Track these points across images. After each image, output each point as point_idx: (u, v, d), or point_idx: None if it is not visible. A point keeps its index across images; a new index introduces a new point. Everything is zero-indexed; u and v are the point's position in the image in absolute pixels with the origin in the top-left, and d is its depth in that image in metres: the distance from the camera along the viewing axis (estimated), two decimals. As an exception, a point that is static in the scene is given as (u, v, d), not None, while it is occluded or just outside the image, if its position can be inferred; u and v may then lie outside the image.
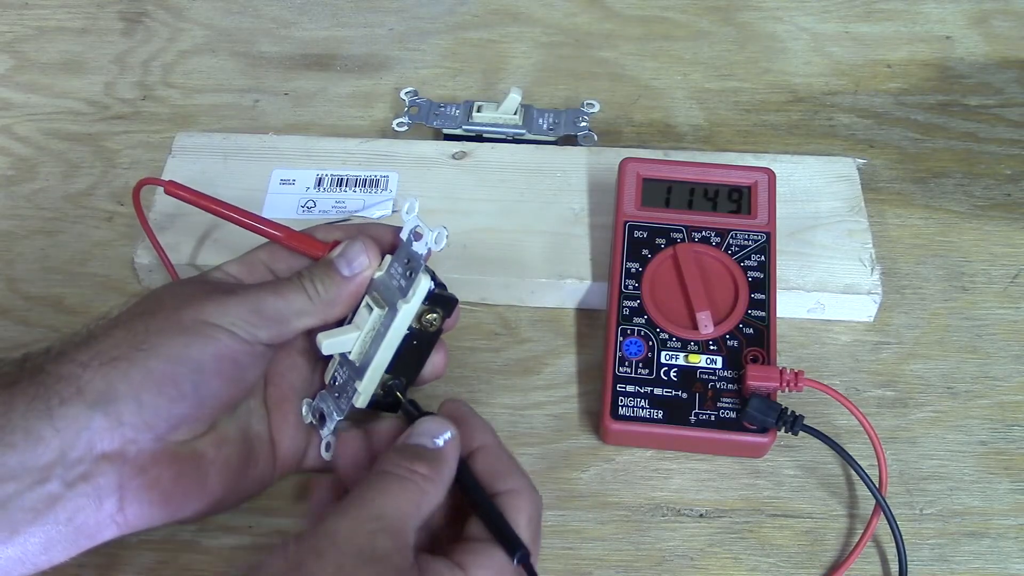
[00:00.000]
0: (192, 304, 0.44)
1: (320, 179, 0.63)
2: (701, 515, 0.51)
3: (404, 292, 0.46)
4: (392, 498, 0.40)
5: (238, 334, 0.44)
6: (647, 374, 0.53)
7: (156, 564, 0.49)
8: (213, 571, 0.49)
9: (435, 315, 0.46)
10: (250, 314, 0.44)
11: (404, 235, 0.47)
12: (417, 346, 0.47)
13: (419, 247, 0.46)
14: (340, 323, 0.48)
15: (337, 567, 0.38)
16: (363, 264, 0.47)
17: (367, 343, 0.47)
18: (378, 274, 0.47)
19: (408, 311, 0.46)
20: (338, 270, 0.47)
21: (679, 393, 0.52)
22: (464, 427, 0.45)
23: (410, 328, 0.46)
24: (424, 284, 0.45)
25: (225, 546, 0.49)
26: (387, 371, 0.47)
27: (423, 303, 0.46)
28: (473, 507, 0.43)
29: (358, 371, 0.47)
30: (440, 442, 0.43)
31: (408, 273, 0.46)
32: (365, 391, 0.47)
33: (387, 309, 0.46)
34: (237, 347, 0.44)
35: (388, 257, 0.48)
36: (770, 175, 0.59)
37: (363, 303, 0.47)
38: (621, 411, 0.52)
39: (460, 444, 0.44)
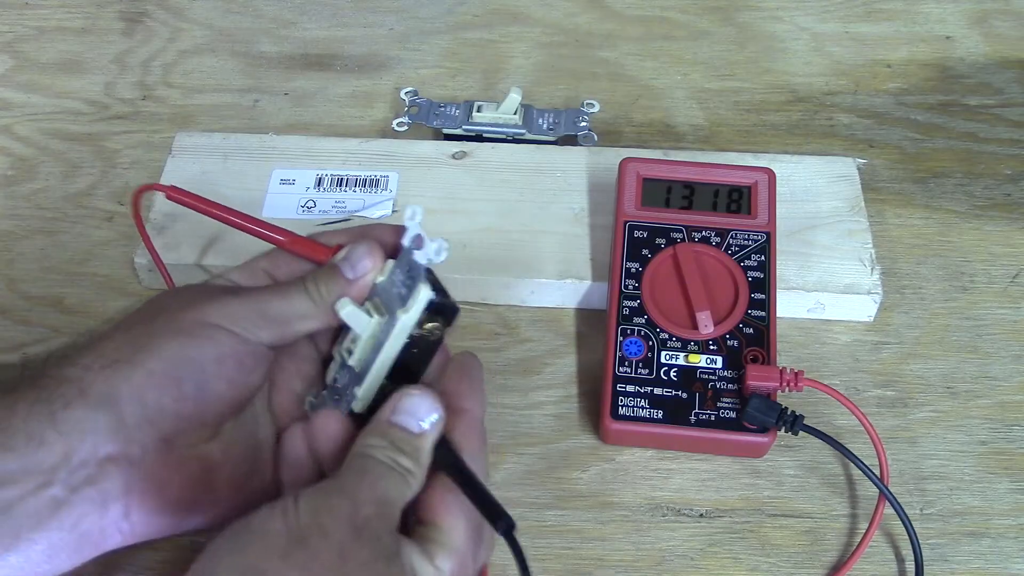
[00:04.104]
0: (193, 306, 0.43)
1: (320, 179, 0.63)
2: (701, 515, 0.51)
3: (404, 301, 0.44)
4: (384, 483, 0.40)
5: (240, 334, 0.43)
6: (647, 374, 0.53)
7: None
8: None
9: (436, 324, 0.45)
10: (252, 314, 0.44)
11: (406, 242, 0.45)
12: (417, 354, 0.46)
13: (420, 257, 0.44)
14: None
15: (340, 545, 0.37)
16: (367, 267, 0.46)
17: (367, 349, 0.46)
18: (380, 279, 0.46)
19: (407, 321, 0.44)
20: (342, 273, 0.46)
21: (679, 393, 0.52)
22: (462, 382, 0.45)
23: (410, 336, 0.45)
24: (424, 295, 0.44)
25: (225, 546, 0.49)
26: (387, 378, 0.46)
27: (423, 312, 0.44)
28: (452, 475, 0.42)
29: (357, 377, 0.46)
30: (426, 424, 0.42)
31: (409, 282, 0.45)
32: (364, 398, 0.46)
33: (387, 317, 0.45)
34: (239, 347, 0.43)
35: (391, 261, 0.47)
36: (770, 175, 0.59)
37: (364, 308, 0.46)
38: (621, 411, 0.52)
39: (444, 424, 0.43)
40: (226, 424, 0.45)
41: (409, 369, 0.47)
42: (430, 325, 0.45)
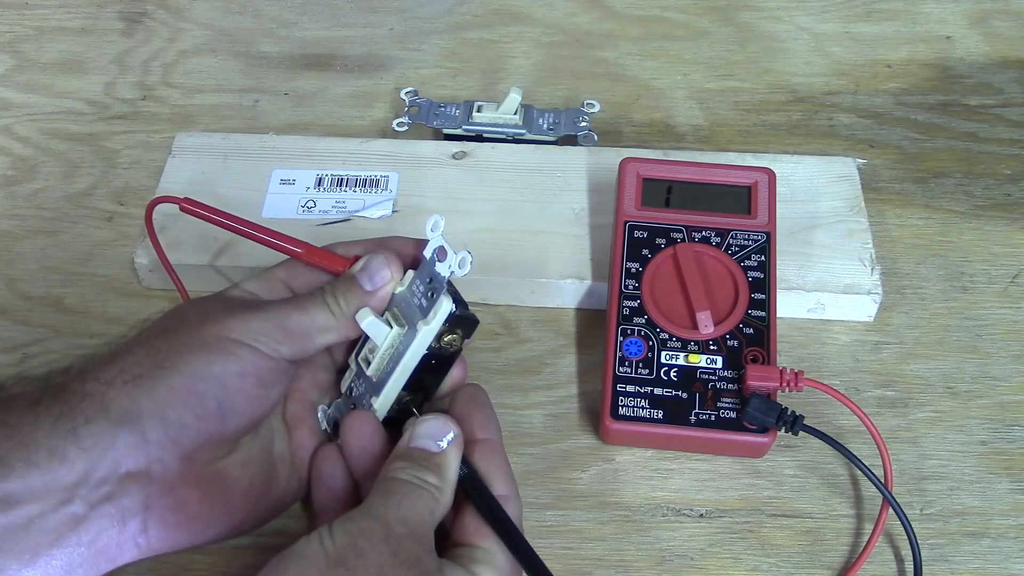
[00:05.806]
0: (214, 321, 0.43)
1: (320, 179, 0.63)
2: (701, 515, 0.51)
3: (424, 313, 0.45)
4: (412, 503, 0.41)
5: (261, 350, 0.43)
6: (647, 374, 0.53)
7: (156, 564, 0.49)
8: (213, 571, 0.49)
9: (455, 336, 0.45)
10: (273, 330, 0.43)
11: (427, 253, 0.45)
12: (436, 365, 0.46)
13: (442, 268, 0.44)
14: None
15: (379, 567, 0.38)
16: (385, 278, 0.46)
17: (385, 359, 0.46)
18: (399, 289, 0.46)
19: (428, 333, 0.44)
20: (360, 285, 0.46)
21: (679, 393, 0.52)
22: (474, 414, 0.45)
23: (429, 348, 0.45)
24: (446, 307, 0.44)
25: (225, 546, 0.49)
26: (404, 388, 0.46)
27: (443, 324, 0.44)
28: (500, 533, 0.43)
29: (375, 387, 0.46)
30: (444, 444, 0.43)
31: (430, 293, 0.45)
32: (381, 408, 0.46)
33: (407, 328, 0.45)
34: (261, 363, 0.43)
35: (410, 272, 0.47)
36: (770, 175, 0.59)
37: (383, 318, 0.46)
38: (621, 411, 0.52)
39: (463, 441, 0.44)
40: (243, 439, 0.44)
41: (427, 380, 0.46)
42: (449, 337, 0.45)
